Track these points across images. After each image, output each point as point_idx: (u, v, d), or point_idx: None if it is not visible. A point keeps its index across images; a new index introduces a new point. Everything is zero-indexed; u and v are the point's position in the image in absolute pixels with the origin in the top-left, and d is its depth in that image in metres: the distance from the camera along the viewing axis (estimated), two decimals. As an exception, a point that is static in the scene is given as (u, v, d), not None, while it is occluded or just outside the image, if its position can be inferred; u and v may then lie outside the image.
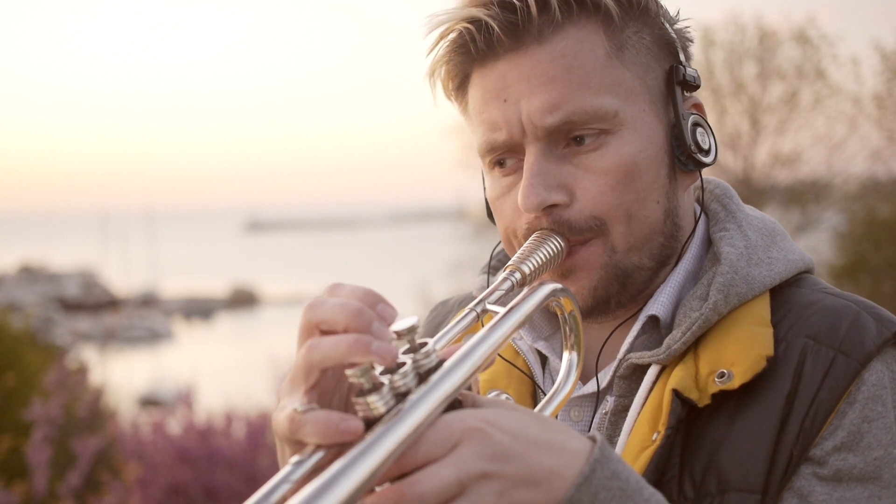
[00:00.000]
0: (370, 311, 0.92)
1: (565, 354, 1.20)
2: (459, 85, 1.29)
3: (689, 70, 1.27)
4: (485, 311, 1.12)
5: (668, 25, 1.27)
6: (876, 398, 1.14)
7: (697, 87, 1.29)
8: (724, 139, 16.20)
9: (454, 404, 0.94)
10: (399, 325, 0.93)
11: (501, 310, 1.08)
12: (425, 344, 0.94)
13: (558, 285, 1.14)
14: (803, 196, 16.17)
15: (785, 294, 1.25)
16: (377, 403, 0.88)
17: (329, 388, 0.97)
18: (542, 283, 1.13)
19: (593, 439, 0.99)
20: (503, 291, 1.15)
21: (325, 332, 0.94)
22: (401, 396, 0.90)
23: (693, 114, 1.29)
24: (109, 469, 6.91)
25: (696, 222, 1.34)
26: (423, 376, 0.92)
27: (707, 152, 1.28)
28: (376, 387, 0.89)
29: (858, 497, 1.11)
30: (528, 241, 1.22)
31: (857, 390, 1.14)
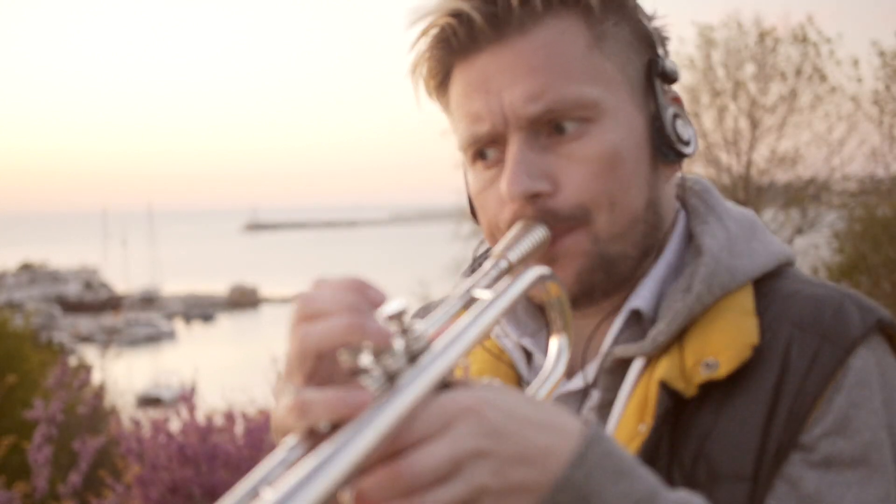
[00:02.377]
0: (360, 297, 0.92)
1: (553, 339, 1.19)
2: (441, 82, 1.29)
3: (668, 63, 1.28)
4: (472, 299, 1.11)
5: (644, 20, 1.28)
6: (862, 383, 1.15)
7: (676, 79, 1.30)
8: (724, 139, 16.21)
9: (445, 386, 0.93)
10: (388, 308, 0.93)
11: (489, 294, 1.07)
12: (415, 327, 0.94)
13: (545, 269, 1.13)
14: (802, 196, 16.17)
15: (767, 285, 1.26)
16: (369, 385, 0.88)
17: (325, 376, 0.96)
18: (528, 268, 1.12)
19: (587, 419, 0.99)
20: (490, 280, 1.15)
21: None
22: (392, 378, 0.90)
23: (673, 106, 1.29)
24: (110, 469, 6.92)
25: (677, 217, 1.34)
26: (413, 358, 0.92)
27: (687, 143, 1.29)
28: (367, 369, 0.89)
29: (849, 481, 1.12)
30: (512, 230, 1.21)
31: (844, 376, 1.14)
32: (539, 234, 1.21)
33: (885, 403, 1.16)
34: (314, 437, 0.89)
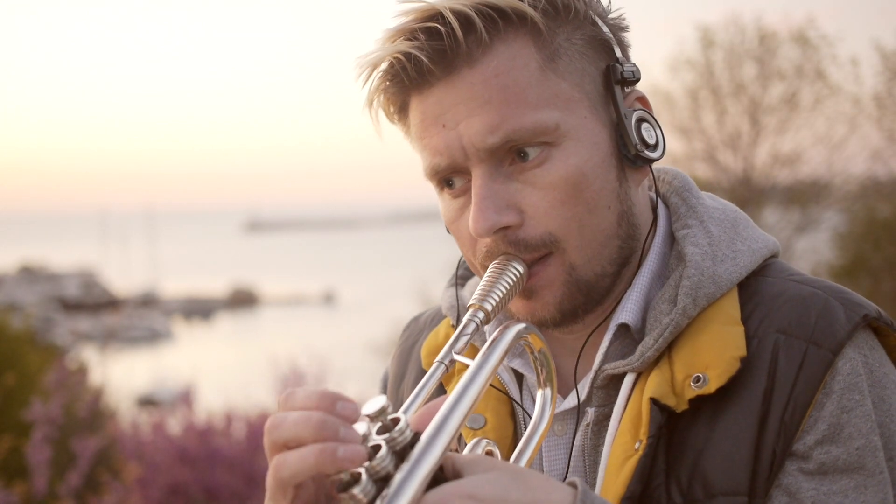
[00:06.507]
0: (332, 419, 0.93)
1: (539, 392, 1.20)
2: (400, 109, 1.28)
3: (626, 66, 1.26)
4: (452, 361, 1.13)
5: (599, 21, 1.25)
6: (852, 387, 1.14)
7: (637, 80, 1.28)
8: (725, 139, 16.21)
9: (436, 474, 0.94)
10: (368, 407, 0.94)
11: (470, 361, 1.08)
12: (398, 420, 0.95)
13: (522, 325, 1.14)
14: (803, 196, 16.17)
15: (752, 285, 1.25)
16: (360, 496, 0.89)
17: (311, 497, 0.97)
18: (506, 327, 1.13)
19: (573, 485, 1.00)
20: (468, 335, 1.16)
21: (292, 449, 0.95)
22: (382, 482, 0.91)
23: (637, 109, 1.27)
24: (109, 469, 6.91)
25: (655, 218, 1.33)
26: (401, 454, 0.93)
27: (654, 147, 1.27)
28: (356, 478, 0.90)
29: (845, 488, 1.12)
30: (486, 274, 1.22)
31: (833, 380, 1.14)
32: (513, 273, 1.21)
33: (875, 404, 1.16)
34: None
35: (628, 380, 1.22)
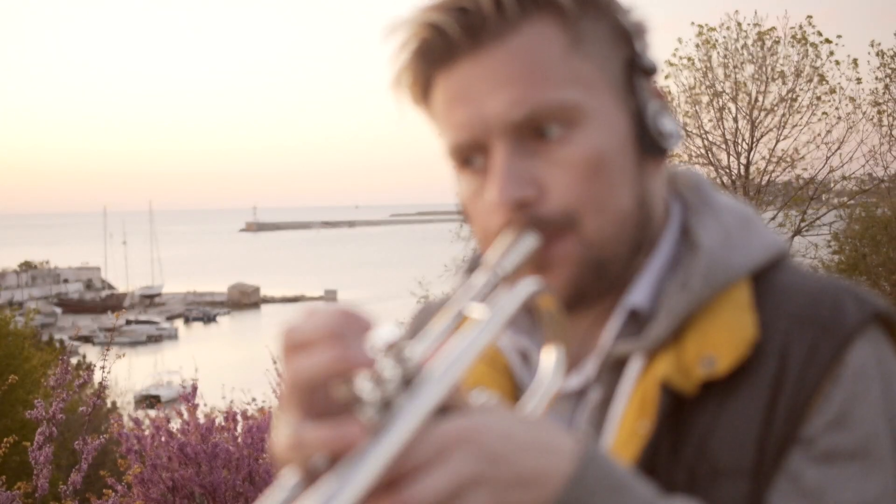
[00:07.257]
0: (346, 326, 0.94)
1: (548, 350, 1.20)
2: (424, 91, 1.30)
3: (647, 58, 1.29)
4: (466, 316, 1.13)
5: (621, 15, 1.28)
6: (861, 375, 1.16)
7: (656, 72, 1.31)
8: (723, 139, 16.22)
9: (443, 410, 0.94)
10: (381, 335, 0.94)
11: (483, 310, 1.08)
12: (409, 353, 0.95)
13: (538, 282, 1.14)
14: (802, 196, 16.18)
15: (764, 278, 1.27)
16: (365, 415, 0.89)
17: (321, 407, 0.97)
18: (522, 281, 1.14)
19: (582, 436, 1.02)
20: (483, 294, 1.16)
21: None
22: (388, 406, 0.90)
23: (655, 100, 1.30)
24: (111, 468, 6.93)
25: (670, 211, 1.35)
26: (408, 385, 0.93)
27: (671, 137, 1.29)
28: (362, 399, 0.90)
29: (849, 474, 1.13)
30: (502, 239, 1.23)
31: (842, 369, 1.15)
32: (529, 241, 1.22)
33: (883, 394, 1.18)
34: (314, 471, 0.91)
35: (635, 362, 1.23)
